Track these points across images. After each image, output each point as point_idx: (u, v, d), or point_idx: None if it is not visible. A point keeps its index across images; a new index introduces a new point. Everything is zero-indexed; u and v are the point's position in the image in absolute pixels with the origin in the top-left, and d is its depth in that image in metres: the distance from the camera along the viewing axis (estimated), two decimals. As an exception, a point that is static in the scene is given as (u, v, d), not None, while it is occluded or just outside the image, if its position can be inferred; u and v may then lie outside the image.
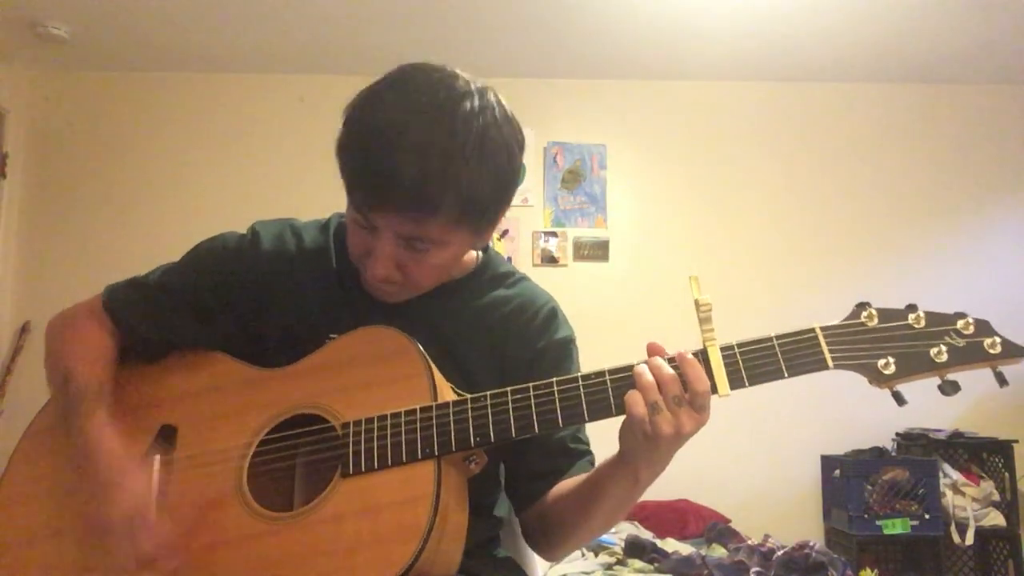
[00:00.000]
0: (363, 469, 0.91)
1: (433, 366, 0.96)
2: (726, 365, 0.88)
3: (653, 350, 0.90)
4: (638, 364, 0.89)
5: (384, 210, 0.93)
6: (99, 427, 0.98)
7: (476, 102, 0.94)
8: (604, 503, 0.99)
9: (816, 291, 3.74)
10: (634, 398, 0.87)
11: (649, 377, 0.87)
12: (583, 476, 1.03)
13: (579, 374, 0.91)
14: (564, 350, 1.12)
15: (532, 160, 3.92)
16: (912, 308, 0.88)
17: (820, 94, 4.00)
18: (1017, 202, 3.93)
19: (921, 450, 3.54)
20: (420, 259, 0.98)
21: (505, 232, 3.86)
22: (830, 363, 0.87)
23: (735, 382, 0.88)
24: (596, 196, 3.93)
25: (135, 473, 0.96)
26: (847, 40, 3.56)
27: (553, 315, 1.13)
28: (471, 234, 0.99)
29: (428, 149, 0.90)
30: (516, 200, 4.12)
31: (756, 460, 3.69)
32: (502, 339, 1.09)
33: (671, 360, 0.89)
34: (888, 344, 0.87)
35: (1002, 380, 0.86)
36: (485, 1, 3.26)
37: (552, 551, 1.12)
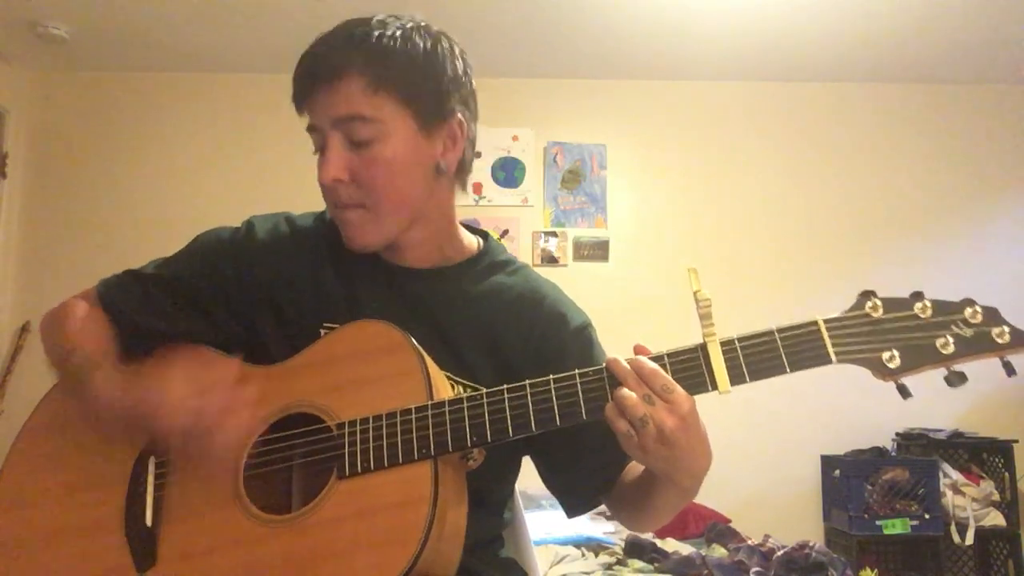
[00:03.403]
0: (359, 470, 0.90)
1: (428, 360, 0.95)
2: (727, 360, 0.85)
3: (639, 352, 0.88)
4: (620, 389, 0.85)
5: (311, 98, 0.99)
6: (108, 380, 0.97)
7: (406, 17, 1.03)
8: (662, 506, 0.99)
9: (816, 292, 3.74)
10: (612, 416, 0.85)
11: (634, 397, 0.83)
12: (638, 473, 1.02)
13: (577, 371, 0.89)
14: (584, 338, 1.09)
15: (532, 160, 3.92)
16: (918, 296, 0.85)
17: (820, 94, 4.00)
18: (1017, 202, 3.93)
19: (921, 450, 3.54)
20: (368, 157, 0.99)
21: (505, 232, 3.86)
22: (833, 357, 0.84)
23: (736, 377, 0.85)
24: (596, 196, 3.93)
25: (166, 379, 0.93)
26: (847, 40, 3.56)
27: (560, 306, 1.11)
28: (411, 118, 1.00)
29: (341, 32, 1.01)
30: (516, 200, 4.10)
31: (756, 460, 3.69)
32: (503, 329, 1.07)
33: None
34: (893, 336, 0.84)
35: (1010, 370, 0.83)
36: (485, 1, 3.26)
37: (639, 528, 1.11)
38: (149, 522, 0.94)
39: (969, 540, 3.39)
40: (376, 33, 0.99)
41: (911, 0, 3.21)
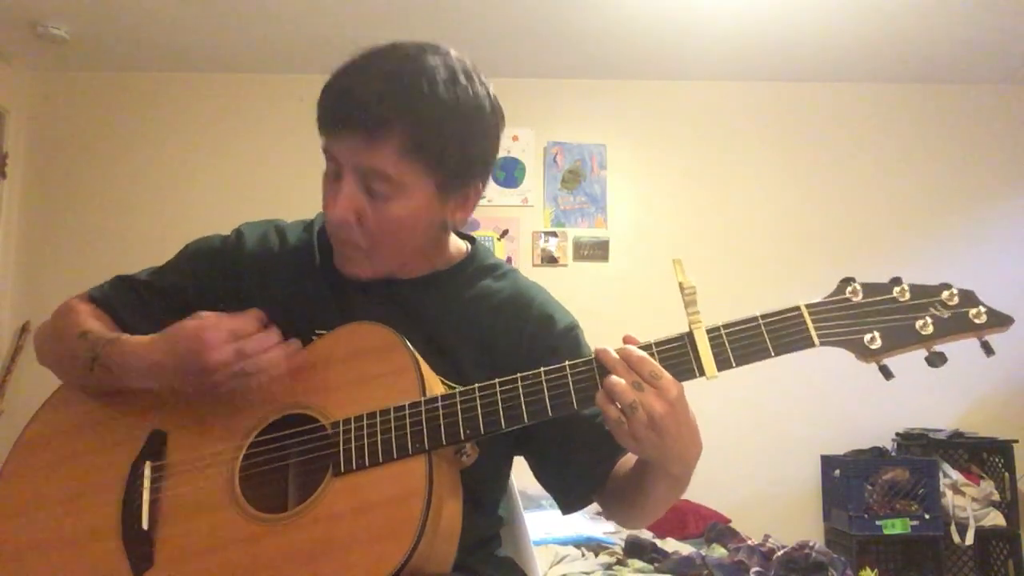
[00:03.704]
0: (354, 467, 0.90)
1: (420, 360, 0.95)
2: (713, 347, 0.87)
3: (628, 342, 0.90)
4: (609, 377, 0.87)
5: (340, 132, 0.96)
6: (129, 341, 1.00)
7: (450, 60, 0.99)
8: (654, 497, 1.00)
9: (816, 291, 3.71)
10: (605, 407, 0.86)
11: (623, 383, 0.85)
12: (631, 470, 1.03)
13: (567, 363, 0.90)
14: (571, 339, 1.10)
15: (532, 160, 3.92)
16: (896, 281, 0.88)
17: (820, 94, 4.00)
18: (1017, 202, 3.93)
19: (921, 450, 3.54)
20: (380, 208, 0.98)
21: (505, 232, 3.86)
22: (816, 340, 0.86)
23: (722, 363, 0.87)
24: (596, 196, 3.93)
25: (195, 327, 0.96)
26: (847, 40, 3.56)
27: (548, 308, 1.12)
28: (433, 183, 0.99)
29: (387, 75, 0.95)
30: (516, 200, 4.10)
31: (756, 460, 3.69)
32: (492, 331, 1.08)
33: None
34: (873, 318, 0.87)
35: (988, 350, 0.85)
36: (485, 1, 3.27)
37: (632, 524, 1.12)
38: (146, 525, 0.94)
39: (969, 540, 3.39)
40: (426, 88, 0.94)
41: (911, 0, 3.21)
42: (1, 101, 3.75)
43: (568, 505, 1.11)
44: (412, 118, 0.94)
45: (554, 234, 3.90)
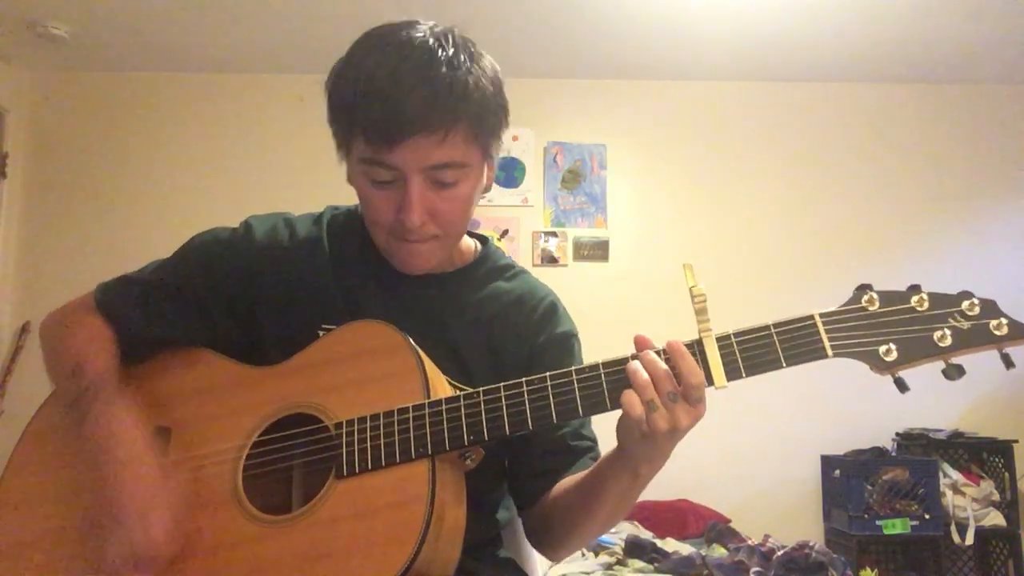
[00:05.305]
0: (357, 470, 0.90)
1: (426, 360, 0.95)
2: (722, 356, 0.85)
3: (641, 343, 0.87)
4: (631, 361, 0.86)
5: (407, 143, 0.93)
6: (121, 414, 0.97)
7: (437, 29, 1.01)
8: (605, 499, 0.97)
9: (816, 290, 3.73)
10: (630, 399, 0.84)
11: (644, 375, 0.84)
12: (585, 472, 1.02)
13: (573, 368, 0.89)
14: (565, 345, 1.11)
15: (532, 160, 3.92)
16: (915, 289, 0.85)
17: (820, 94, 4.00)
18: (1016, 202, 3.93)
19: (921, 450, 3.54)
20: (449, 196, 0.99)
21: (505, 232, 3.86)
22: (829, 351, 0.83)
23: (732, 373, 0.84)
24: (596, 196, 3.93)
25: (155, 467, 0.93)
26: (847, 40, 3.56)
27: (553, 309, 1.13)
28: (482, 154, 1.01)
29: (427, 71, 0.94)
30: (516, 200, 4.08)
31: (756, 460, 3.69)
32: (499, 332, 1.08)
33: (662, 353, 0.86)
34: (889, 329, 0.83)
35: (1008, 362, 0.82)
36: (485, 1, 3.26)
37: (555, 550, 1.10)
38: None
39: (969, 540, 3.39)
40: (469, 79, 0.97)
41: (911, 0, 3.21)
42: (1, 101, 3.75)
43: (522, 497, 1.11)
44: (473, 110, 0.97)
45: (554, 234, 3.89)
